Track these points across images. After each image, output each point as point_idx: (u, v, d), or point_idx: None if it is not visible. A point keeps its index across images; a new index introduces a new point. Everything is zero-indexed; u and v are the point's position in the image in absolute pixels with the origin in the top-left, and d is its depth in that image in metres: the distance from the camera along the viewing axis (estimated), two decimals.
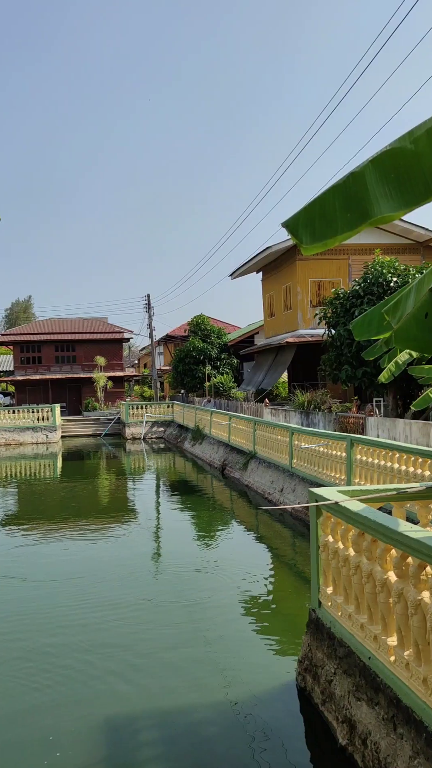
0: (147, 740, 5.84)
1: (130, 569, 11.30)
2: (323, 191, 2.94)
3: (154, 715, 6.26)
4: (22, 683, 6.95)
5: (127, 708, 6.39)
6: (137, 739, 5.85)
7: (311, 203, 2.99)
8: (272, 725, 5.92)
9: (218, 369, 38.85)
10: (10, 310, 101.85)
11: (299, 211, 3.05)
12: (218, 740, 5.75)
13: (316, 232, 2.93)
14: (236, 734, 5.79)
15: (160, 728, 6.03)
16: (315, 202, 2.97)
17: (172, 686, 6.80)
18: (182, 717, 6.17)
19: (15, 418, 36.72)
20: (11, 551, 12.95)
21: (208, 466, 25.03)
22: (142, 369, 73.29)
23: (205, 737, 5.80)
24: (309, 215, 2.97)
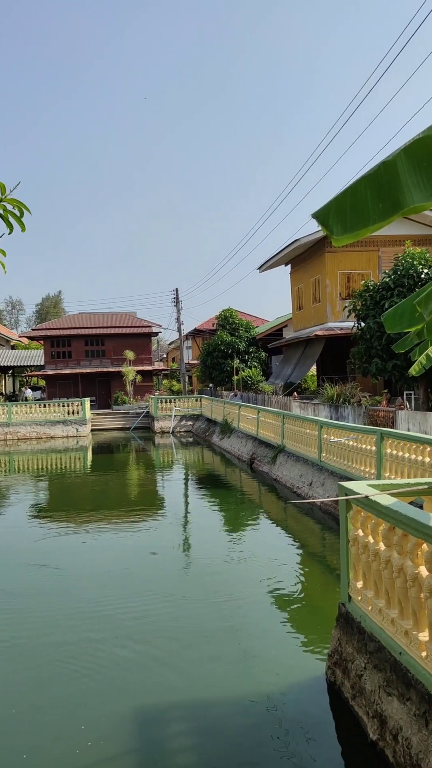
0: (176, 732, 5.89)
1: (159, 561, 11.39)
2: (354, 181, 2.91)
3: (182, 707, 6.31)
4: (54, 672, 7.07)
5: (156, 700, 6.45)
6: (166, 731, 5.90)
7: (342, 194, 2.96)
8: (302, 719, 5.92)
9: (246, 362, 38.76)
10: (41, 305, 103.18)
11: (330, 202, 3.01)
12: (248, 733, 5.77)
13: (348, 223, 2.89)
14: (266, 727, 5.80)
15: (189, 720, 6.07)
16: (346, 193, 2.93)
17: (200, 679, 6.85)
18: (211, 709, 6.21)
19: (46, 412, 37.21)
20: (44, 542, 13.15)
21: (237, 459, 25.04)
22: (170, 363, 73.58)
23: (234, 730, 5.82)
24: (340, 206, 2.94)
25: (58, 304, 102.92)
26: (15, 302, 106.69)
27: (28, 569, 11.20)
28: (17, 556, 12.06)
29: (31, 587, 10.16)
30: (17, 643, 7.95)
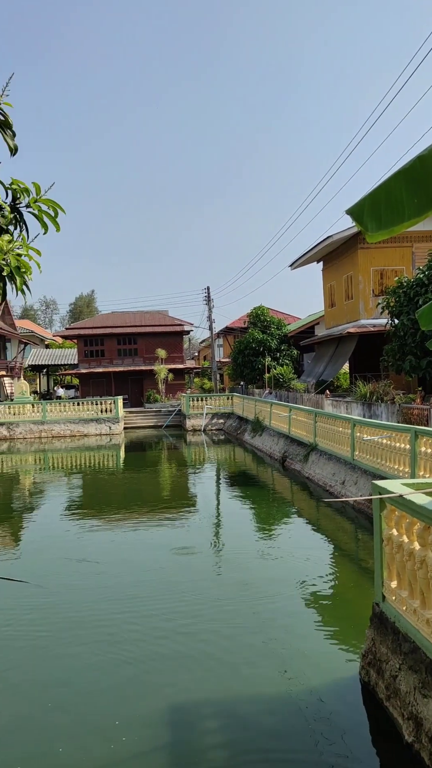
0: (209, 729, 5.91)
1: (192, 559, 11.44)
2: (389, 176, 2.87)
3: (215, 704, 6.33)
4: (90, 667, 7.18)
5: (189, 696, 6.49)
6: (199, 728, 5.93)
7: (376, 189, 2.92)
8: (335, 719, 5.88)
9: (278, 360, 38.60)
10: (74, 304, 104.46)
11: (364, 198, 2.98)
12: (281, 732, 5.76)
13: (382, 219, 2.86)
14: (299, 726, 5.78)
15: (221, 718, 6.08)
16: (380, 188, 2.90)
17: (234, 676, 6.86)
18: (244, 707, 6.21)
19: (79, 410, 37.67)
20: (81, 538, 13.32)
21: (268, 457, 24.97)
22: (202, 361, 73.71)
23: (267, 729, 5.82)
24: (374, 202, 2.90)
25: (91, 304, 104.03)
26: (49, 302, 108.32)
27: (67, 564, 11.36)
28: (56, 551, 12.25)
29: (69, 581, 10.31)
30: (55, 636, 8.08)
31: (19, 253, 3.53)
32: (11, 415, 36.94)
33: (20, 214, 3.64)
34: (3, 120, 3.33)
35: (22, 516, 16.67)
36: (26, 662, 7.40)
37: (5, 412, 37.07)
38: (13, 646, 7.87)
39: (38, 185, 3.58)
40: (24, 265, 3.49)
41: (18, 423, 36.57)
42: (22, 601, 9.43)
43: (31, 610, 9.07)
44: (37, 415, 36.97)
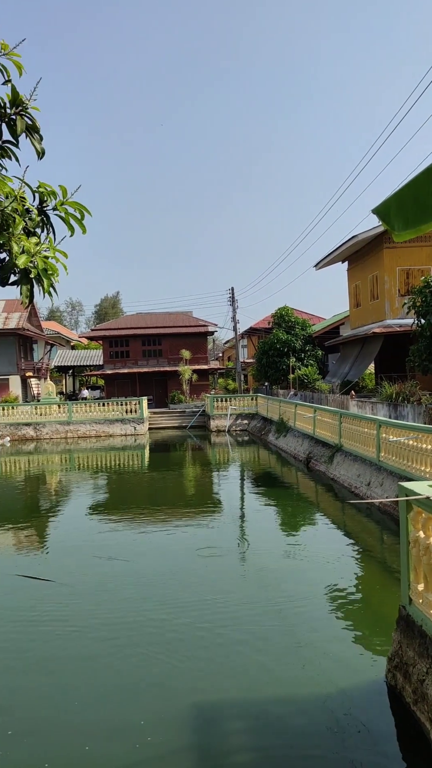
0: (234, 730, 5.90)
1: (217, 559, 11.44)
2: (415, 175, 2.84)
3: (240, 705, 6.32)
4: (114, 666, 7.22)
5: (213, 697, 6.49)
6: (224, 729, 5.93)
7: (403, 188, 2.90)
8: (361, 722, 5.83)
9: (302, 361, 38.43)
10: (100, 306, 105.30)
11: (390, 197, 2.96)
12: (307, 734, 5.73)
13: (409, 218, 2.83)
14: (325, 728, 5.75)
15: (246, 719, 6.07)
16: (407, 187, 2.87)
17: (260, 677, 6.84)
18: (270, 708, 6.19)
19: (105, 411, 37.96)
20: (108, 537, 13.43)
21: (293, 458, 24.87)
22: (226, 362, 73.75)
23: (292, 731, 5.80)
24: (401, 201, 2.87)
25: (116, 305, 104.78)
26: (75, 303, 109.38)
27: (93, 563, 11.45)
28: (82, 550, 12.37)
29: (95, 581, 10.39)
30: (81, 635, 8.15)
31: (46, 256, 3.57)
32: (38, 416, 37.39)
33: (47, 217, 3.69)
34: (31, 124, 3.37)
35: (48, 515, 16.85)
36: (53, 661, 7.47)
37: (32, 413, 37.53)
38: (39, 644, 7.95)
39: (65, 188, 3.62)
40: (51, 267, 3.53)
41: (44, 423, 36.99)
42: (47, 600, 9.53)
43: (57, 609, 9.16)
44: (63, 416, 37.37)
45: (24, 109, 3.32)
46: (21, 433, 36.65)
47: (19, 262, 3.37)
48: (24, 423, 36.95)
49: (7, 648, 7.86)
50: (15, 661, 7.50)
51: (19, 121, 3.33)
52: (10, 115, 3.33)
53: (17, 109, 3.32)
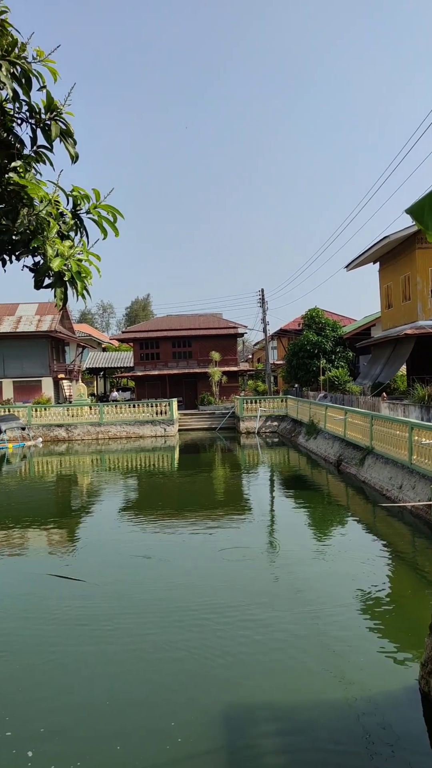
0: (264, 733, 5.89)
1: (247, 562, 11.43)
2: None
3: (271, 708, 6.30)
4: (146, 666, 7.27)
5: (244, 700, 6.48)
6: (254, 731, 5.91)
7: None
8: (393, 728, 5.76)
9: (333, 362, 38.16)
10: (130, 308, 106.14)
11: (424, 197, 2.92)
12: (337, 741, 5.68)
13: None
14: (357, 734, 5.69)
15: (277, 722, 6.05)
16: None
17: (289, 681, 6.81)
18: (299, 713, 6.16)
19: (135, 412, 38.25)
20: (135, 538, 13.53)
21: (323, 461, 24.70)
22: (255, 364, 73.64)
23: (323, 736, 5.76)
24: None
25: (146, 307, 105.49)
26: (106, 306, 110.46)
27: (123, 563, 11.55)
28: (113, 550, 12.48)
29: (125, 581, 10.47)
30: (112, 635, 8.23)
31: (80, 259, 3.62)
32: (70, 417, 37.87)
33: (80, 220, 3.74)
34: (65, 129, 3.43)
35: (80, 516, 17.04)
36: (85, 661, 7.55)
37: (64, 414, 38.03)
38: (70, 644, 8.03)
39: (98, 191, 3.67)
40: (84, 270, 3.58)
41: (76, 425, 37.44)
42: (79, 600, 9.64)
43: (89, 608, 9.25)
44: (94, 417, 37.78)
45: (58, 114, 3.37)
46: (53, 434, 37.15)
47: (53, 265, 3.42)
48: (56, 424, 37.46)
49: (39, 647, 7.97)
50: (47, 660, 7.60)
51: (54, 126, 3.38)
52: (45, 120, 3.39)
53: (52, 115, 3.37)
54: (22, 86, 3.24)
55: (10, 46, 3.13)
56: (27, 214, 3.43)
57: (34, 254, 3.60)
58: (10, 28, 3.11)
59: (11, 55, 3.14)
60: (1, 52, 3.10)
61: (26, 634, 8.38)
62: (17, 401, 43.57)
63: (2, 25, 3.09)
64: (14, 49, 3.15)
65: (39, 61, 3.25)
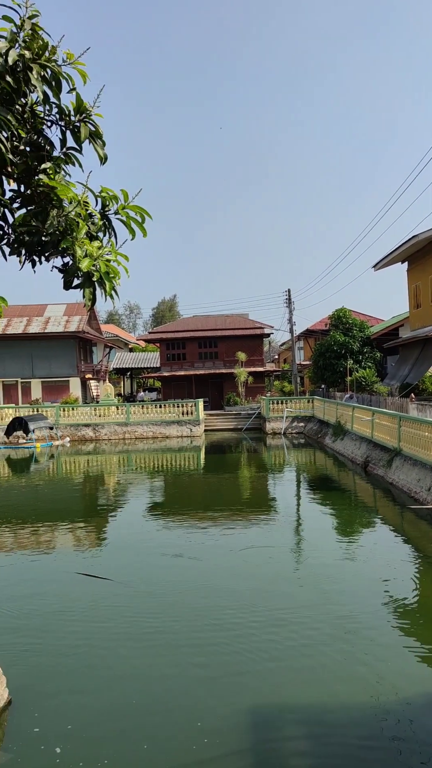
0: (290, 735, 5.85)
1: (273, 563, 11.39)
2: None
3: (297, 711, 6.25)
4: (172, 667, 7.28)
5: (270, 702, 6.45)
6: (279, 734, 5.88)
7: None
8: (421, 736, 5.67)
9: (360, 363, 37.82)
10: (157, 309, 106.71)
11: None
12: (362, 745, 5.62)
13: None
14: (381, 740, 5.62)
15: (303, 725, 6.00)
16: None
17: (315, 684, 6.76)
18: (326, 717, 6.10)
19: (162, 413, 38.42)
20: (161, 538, 13.58)
21: (350, 462, 24.49)
22: (282, 364, 73.37)
23: (348, 740, 5.70)
24: None
25: (173, 308, 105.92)
26: (133, 306, 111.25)
27: (149, 562, 11.61)
28: (139, 550, 12.56)
29: (151, 580, 10.52)
30: (137, 635, 8.26)
31: (108, 259, 3.64)
32: (97, 417, 38.20)
33: (109, 221, 3.76)
34: (94, 130, 3.45)
35: (107, 515, 17.16)
36: (112, 660, 7.59)
37: (91, 414, 38.37)
38: (96, 643, 8.08)
39: (126, 192, 3.69)
40: (113, 271, 3.60)
41: (103, 425, 37.74)
42: (106, 599, 9.70)
43: (115, 607, 9.30)
44: (121, 417, 38.05)
45: (88, 115, 3.40)
46: (80, 434, 37.51)
47: (82, 266, 3.45)
48: (83, 424, 37.81)
49: (66, 646, 8.04)
50: (74, 658, 7.66)
51: (83, 128, 3.41)
52: (74, 122, 3.42)
53: (81, 116, 3.40)
54: (53, 89, 3.27)
55: (40, 49, 3.17)
56: (56, 215, 3.47)
57: (64, 255, 3.64)
58: (40, 31, 3.15)
59: (42, 58, 3.17)
60: (32, 55, 3.14)
61: (53, 632, 8.45)
62: (45, 401, 44.11)
63: (33, 29, 3.13)
64: (45, 52, 3.19)
65: (69, 63, 3.28)
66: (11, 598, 9.78)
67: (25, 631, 8.45)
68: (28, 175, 3.47)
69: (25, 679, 6.99)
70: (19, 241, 3.65)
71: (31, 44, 3.14)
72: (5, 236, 3.64)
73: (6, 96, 3.15)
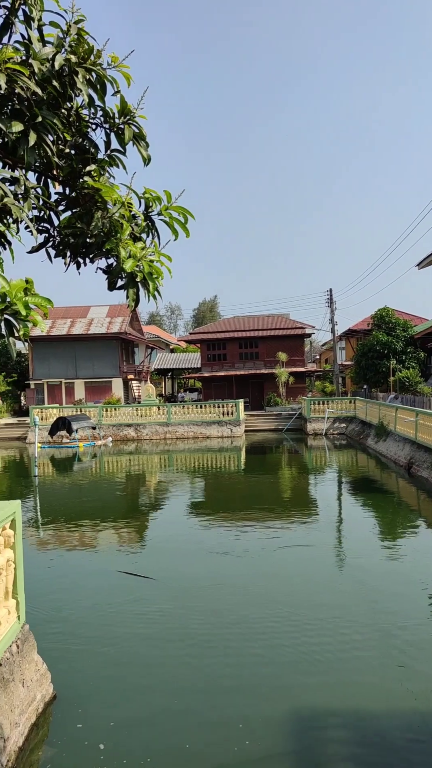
0: (333, 738, 5.79)
1: (315, 566, 11.30)
2: None
3: (340, 714, 6.17)
4: (215, 667, 7.29)
5: (313, 704, 6.39)
6: (323, 736, 5.83)
7: None
8: None
9: (403, 363, 37.19)
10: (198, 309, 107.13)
11: None
12: (408, 750, 5.52)
13: None
14: (428, 747, 5.51)
15: (347, 729, 5.93)
16: None
17: (359, 688, 6.67)
18: (370, 721, 6.01)
19: (202, 413, 38.56)
20: (203, 538, 13.61)
21: (393, 463, 24.10)
22: (323, 364, 72.74)
23: (393, 745, 5.60)
24: None
25: (214, 309, 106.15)
26: (174, 307, 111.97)
27: (191, 562, 11.66)
28: (181, 550, 12.63)
29: (193, 580, 10.55)
30: (180, 635, 8.29)
31: (152, 260, 3.66)
32: (139, 417, 38.59)
33: (152, 222, 3.79)
34: (137, 132, 3.48)
35: (148, 514, 17.30)
36: (151, 659, 7.64)
37: (133, 414, 38.79)
38: (138, 642, 8.14)
39: (169, 193, 3.70)
40: (156, 271, 3.62)
41: (145, 425, 38.10)
42: (147, 598, 9.77)
43: (156, 606, 9.36)
44: (162, 417, 38.34)
45: (132, 117, 3.43)
46: (123, 434, 37.95)
47: (126, 267, 3.48)
48: (125, 424, 38.25)
49: (108, 643, 8.13)
50: (117, 656, 7.74)
51: (127, 130, 3.44)
52: (118, 124, 3.45)
53: (125, 119, 3.43)
54: (98, 92, 3.31)
55: (86, 53, 3.21)
56: (101, 217, 3.50)
57: (108, 256, 3.68)
58: (86, 36, 3.19)
59: (87, 62, 3.21)
60: (78, 59, 3.18)
61: (95, 629, 8.56)
62: (88, 401, 44.80)
63: (79, 34, 3.17)
64: (90, 56, 3.23)
65: (113, 66, 3.32)
66: (55, 596, 9.95)
67: (68, 628, 8.58)
68: (73, 178, 3.52)
69: (69, 675, 7.10)
70: (65, 243, 3.70)
71: (76, 48, 3.19)
72: (51, 238, 3.71)
73: (52, 100, 3.20)
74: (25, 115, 3.06)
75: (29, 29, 3.13)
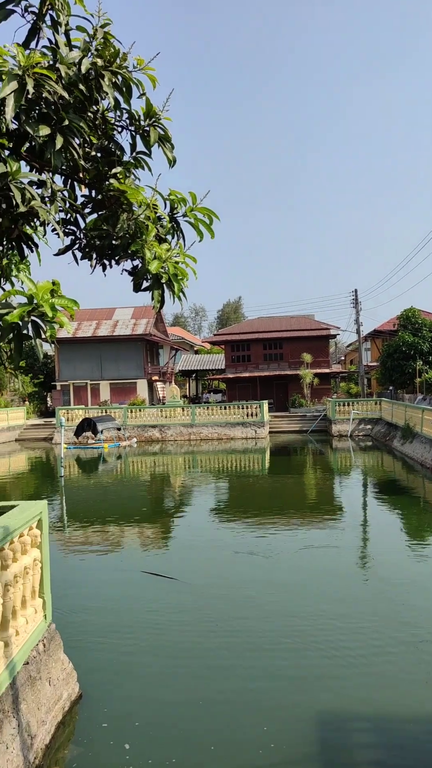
0: (360, 743, 5.74)
1: (340, 569, 11.21)
2: None
3: (367, 719, 6.11)
4: (239, 669, 7.27)
5: (340, 709, 6.34)
6: (349, 741, 5.78)
7: None
8: None
9: (430, 364, 36.72)
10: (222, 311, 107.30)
11: None
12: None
13: None
14: None
15: (373, 734, 5.87)
16: None
17: (385, 693, 6.59)
18: (398, 726, 5.94)
19: (226, 414, 38.54)
20: (226, 538, 13.60)
21: (419, 465, 23.81)
22: (348, 365, 72.19)
23: (422, 752, 5.52)
24: None
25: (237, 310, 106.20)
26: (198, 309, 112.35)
27: (213, 563, 11.66)
28: (203, 550, 12.63)
29: (215, 580, 10.55)
30: (204, 636, 8.30)
31: (177, 261, 3.67)
32: (163, 418, 38.72)
33: (177, 223, 3.80)
34: (163, 134, 3.49)
35: (173, 515, 17.35)
36: (176, 659, 7.65)
37: (158, 415, 38.93)
38: (162, 643, 8.15)
39: (194, 194, 3.71)
40: (181, 272, 3.63)
41: (169, 426, 38.22)
42: (171, 599, 9.79)
43: (180, 606, 9.38)
44: (186, 419, 38.42)
45: (157, 120, 3.44)
46: (147, 435, 38.12)
47: (151, 268, 3.49)
48: (150, 425, 38.41)
49: (133, 643, 8.16)
50: (142, 656, 7.77)
51: (153, 132, 3.46)
52: (144, 127, 3.47)
53: (151, 121, 3.45)
54: (123, 95, 3.33)
55: (112, 56, 3.23)
56: (126, 218, 3.52)
57: (133, 258, 3.69)
58: (112, 39, 3.21)
59: (113, 65, 3.23)
60: (104, 63, 3.20)
61: (121, 629, 8.60)
62: (113, 402, 45.12)
63: (105, 37, 3.19)
64: (116, 59, 3.25)
65: (139, 69, 3.33)
66: (81, 595, 10.02)
67: (93, 628, 8.64)
68: (99, 181, 3.55)
69: (95, 674, 7.14)
70: (91, 246, 3.73)
71: (103, 52, 3.21)
72: (77, 241, 3.74)
73: (79, 104, 3.23)
74: (52, 118, 3.09)
75: (56, 34, 3.16)
